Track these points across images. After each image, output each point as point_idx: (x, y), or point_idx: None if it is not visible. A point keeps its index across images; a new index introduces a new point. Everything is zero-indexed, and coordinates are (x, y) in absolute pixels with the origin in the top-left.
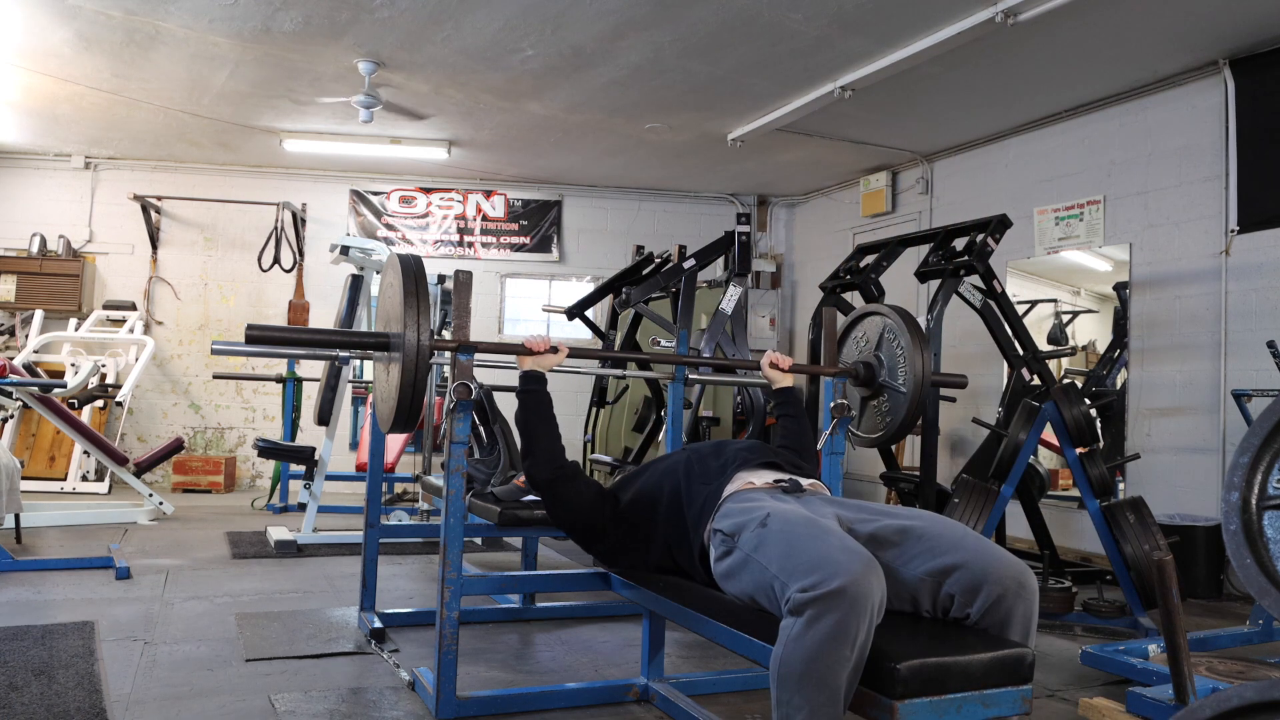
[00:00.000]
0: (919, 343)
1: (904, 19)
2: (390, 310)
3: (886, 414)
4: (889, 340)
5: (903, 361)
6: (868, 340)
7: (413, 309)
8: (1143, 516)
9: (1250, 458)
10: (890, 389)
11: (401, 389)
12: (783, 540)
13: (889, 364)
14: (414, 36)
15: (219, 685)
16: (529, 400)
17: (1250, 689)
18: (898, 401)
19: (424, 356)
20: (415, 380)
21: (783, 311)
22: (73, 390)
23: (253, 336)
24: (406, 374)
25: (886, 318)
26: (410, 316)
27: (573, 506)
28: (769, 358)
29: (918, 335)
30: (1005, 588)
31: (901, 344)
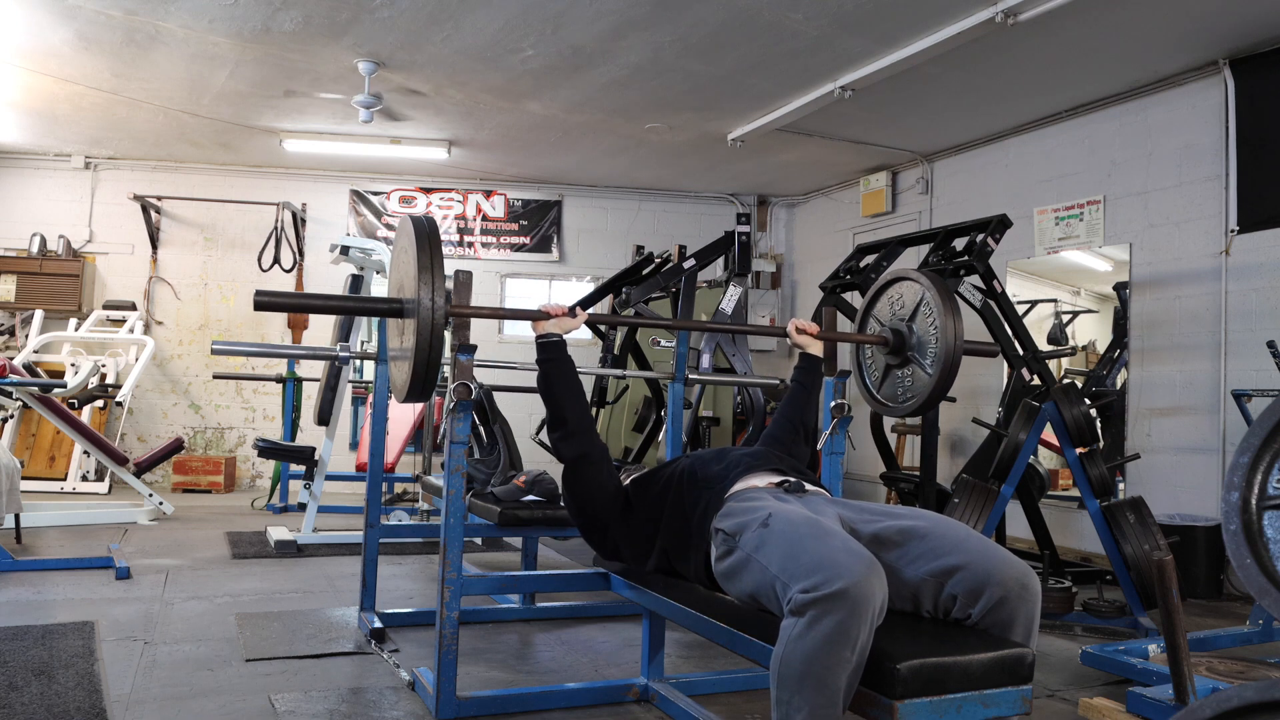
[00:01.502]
0: (951, 310)
1: (904, 19)
2: (404, 275)
3: (910, 386)
4: (924, 314)
5: (935, 332)
6: (903, 305)
7: (427, 272)
8: (1143, 516)
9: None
10: (916, 363)
11: (417, 354)
12: (784, 541)
13: (920, 336)
14: (414, 36)
15: (219, 685)
16: (552, 368)
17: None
18: (920, 376)
19: (439, 320)
20: (431, 345)
21: (783, 311)
22: (73, 390)
23: (261, 302)
24: (422, 338)
25: (924, 288)
26: (424, 279)
27: (590, 494)
28: (796, 323)
29: (950, 303)
30: (1008, 589)
31: (934, 312)
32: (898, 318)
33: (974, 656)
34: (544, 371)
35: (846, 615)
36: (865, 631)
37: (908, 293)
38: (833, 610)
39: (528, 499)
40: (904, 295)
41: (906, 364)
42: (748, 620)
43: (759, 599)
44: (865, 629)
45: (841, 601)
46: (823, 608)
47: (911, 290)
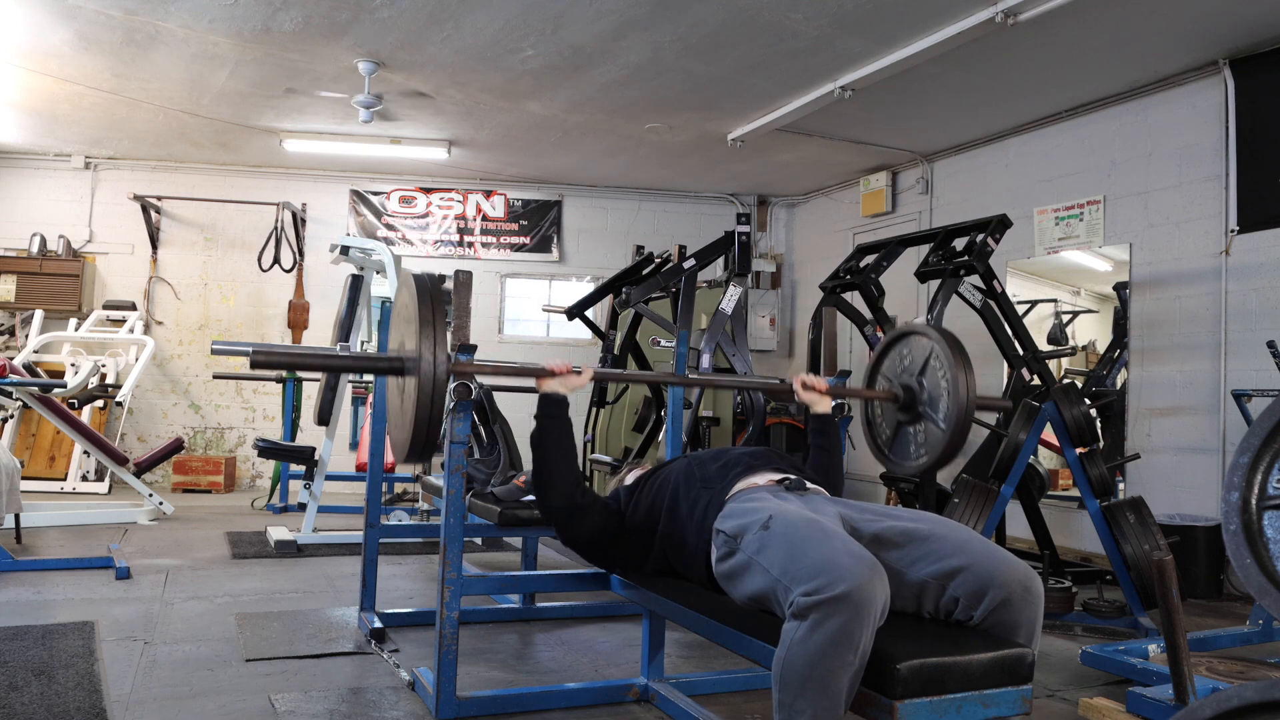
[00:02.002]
0: (963, 366)
1: (904, 19)
2: (405, 331)
3: (923, 442)
4: (934, 369)
5: (946, 388)
6: (912, 361)
7: (429, 330)
8: (1143, 516)
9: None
10: (929, 419)
11: (418, 415)
12: (786, 543)
13: (931, 392)
14: (414, 36)
15: (219, 685)
16: (550, 427)
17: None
18: (933, 432)
19: (441, 381)
20: (432, 406)
21: (783, 311)
22: (73, 390)
23: (258, 361)
24: (423, 399)
25: (933, 343)
26: (426, 337)
27: (583, 535)
28: (801, 379)
29: (962, 358)
30: (1010, 592)
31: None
32: (907, 373)
33: (974, 656)
34: (541, 428)
35: (849, 618)
36: (867, 634)
37: (915, 348)
38: (835, 613)
39: (528, 499)
40: (912, 351)
41: (918, 420)
42: (748, 620)
43: (760, 601)
44: (867, 631)
45: (844, 604)
46: (825, 611)
47: (919, 345)
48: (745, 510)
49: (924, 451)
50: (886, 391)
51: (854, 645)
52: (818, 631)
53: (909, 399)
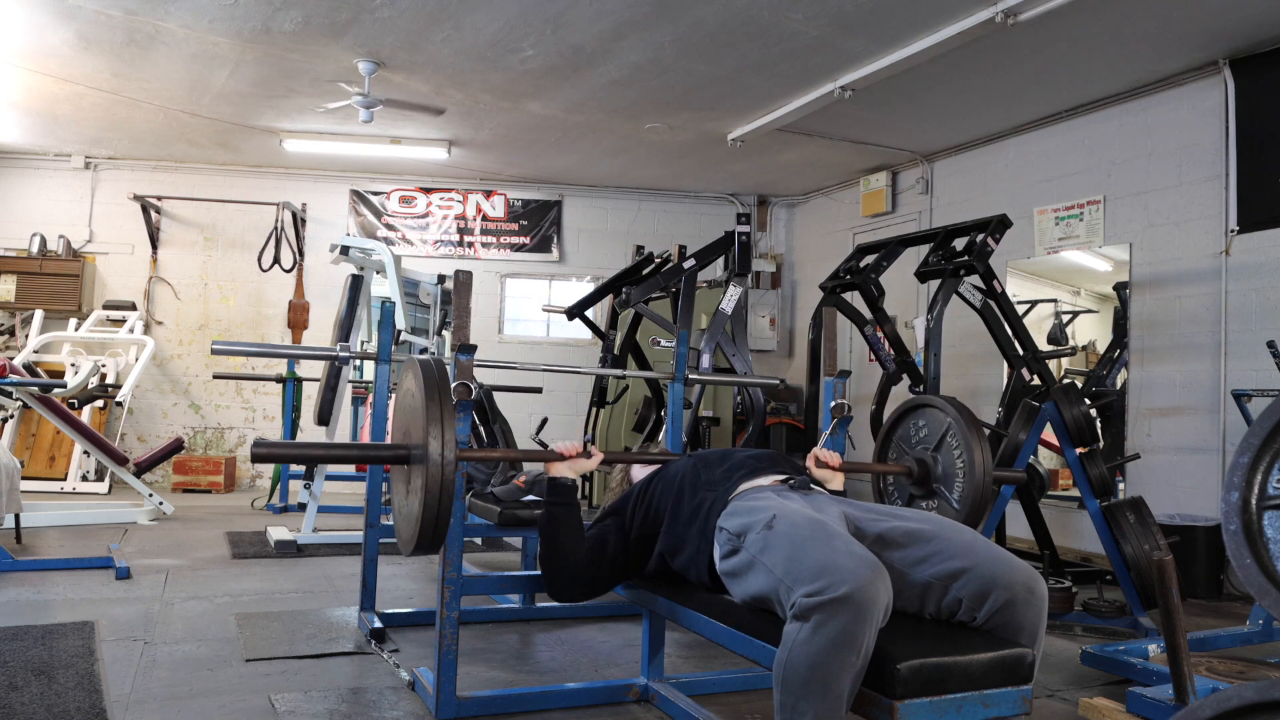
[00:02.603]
0: (979, 440)
1: (904, 19)
2: (410, 420)
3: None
4: (949, 445)
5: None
6: (929, 434)
7: (436, 423)
8: (1143, 516)
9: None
10: (942, 496)
11: (425, 508)
12: (789, 543)
13: (945, 468)
14: (414, 36)
15: (219, 685)
16: (560, 514)
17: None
18: (945, 511)
19: (450, 473)
20: (440, 498)
21: (783, 311)
22: (73, 390)
23: (259, 455)
24: (431, 490)
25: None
26: (434, 430)
27: (596, 593)
28: (815, 455)
29: (977, 432)
30: (1014, 593)
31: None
32: (922, 445)
33: (974, 656)
34: (551, 515)
35: (851, 619)
36: (870, 635)
37: (931, 421)
38: (837, 615)
39: (528, 499)
40: (928, 425)
41: (931, 496)
42: (748, 621)
43: (762, 600)
44: (870, 632)
45: (846, 606)
46: (827, 612)
47: (935, 420)
48: (749, 509)
49: None
50: (901, 466)
51: (856, 646)
52: (820, 633)
53: (923, 473)
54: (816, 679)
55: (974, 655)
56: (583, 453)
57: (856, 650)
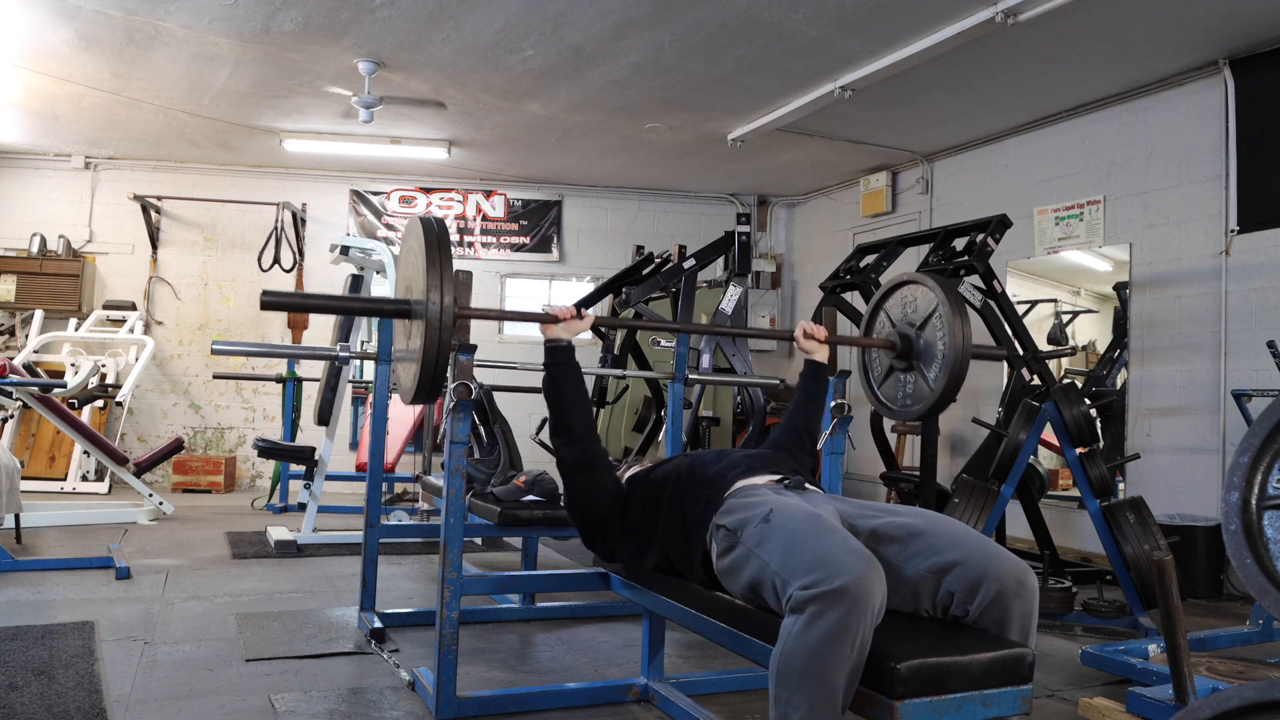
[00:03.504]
0: (959, 313)
1: (904, 19)
2: (412, 276)
3: (911, 392)
4: (934, 325)
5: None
6: (916, 310)
7: (435, 272)
8: (1143, 516)
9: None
10: (919, 372)
11: (425, 356)
12: (785, 537)
13: (928, 344)
14: (414, 36)
15: (219, 685)
16: (560, 373)
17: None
18: (921, 385)
19: (448, 321)
20: (439, 347)
21: (783, 311)
22: (73, 390)
23: (268, 302)
24: (430, 338)
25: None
26: (433, 280)
27: (588, 499)
28: (803, 326)
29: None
30: (1004, 585)
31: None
32: (907, 320)
33: (974, 656)
34: (551, 376)
35: (846, 612)
36: (865, 629)
37: (921, 298)
38: (832, 607)
39: (528, 499)
40: (917, 299)
41: (910, 370)
42: (748, 620)
43: (759, 595)
44: (865, 626)
45: (841, 598)
46: (823, 604)
47: (925, 296)
48: (746, 505)
49: (912, 401)
50: (884, 340)
51: (851, 640)
52: (815, 625)
53: (905, 348)
54: (811, 672)
55: (974, 655)
56: (575, 315)
57: (851, 644)
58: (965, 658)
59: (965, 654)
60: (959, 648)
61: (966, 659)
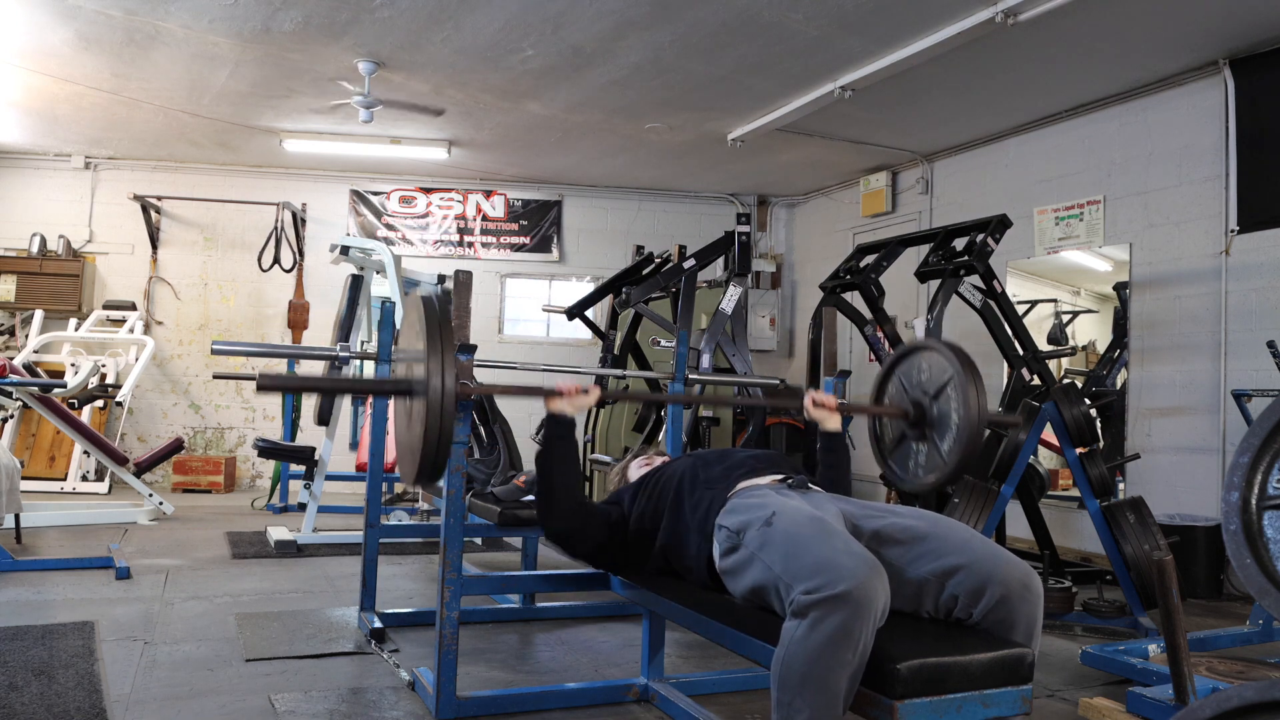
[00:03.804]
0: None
1: (904, 19)
2: (412, 353)
3: (923, 462)
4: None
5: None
6: (930, 379)
7: (436, 355)
8: (1143, 516)
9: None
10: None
11: (426, 438)
12: (788, 540)
13: (941, 414)
14: (414, 36)
15: (219, 685)
16: (557, 448)
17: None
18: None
19: (450, 405)
20: (441, 429)
21: (783, 311)
22: (73, 390)
23: (264, 385)
24: (431, 422)
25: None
26: (434, 363)
27: (585, 550)
28: (812, 396)
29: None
30: (1009, 589)
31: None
32: (921, 388)
33: (974, 656)
34: (548, 449)
35: (849, 617)
36: (867, 633)
37: (934, 365)
38: (835, 612)
39: (528, 499)
40: (931, 366)
41: (923, 439)
42: (748, 620)
43: (761, 598)
44: (867, 631)
45: (844, 603)
46: (825, 609)
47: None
48: (748, 506)
49: (922, 470)
50: (897, 408)
51: (853, 644)
52: (817, 630)
53: (918, 416)
54: (814, 676)
55: (974, 655)
56: (581, 390)
57: (854, 648)
58: (965, 658)
59: (965, 654)
60: (959, 648)
61: (966, 659)
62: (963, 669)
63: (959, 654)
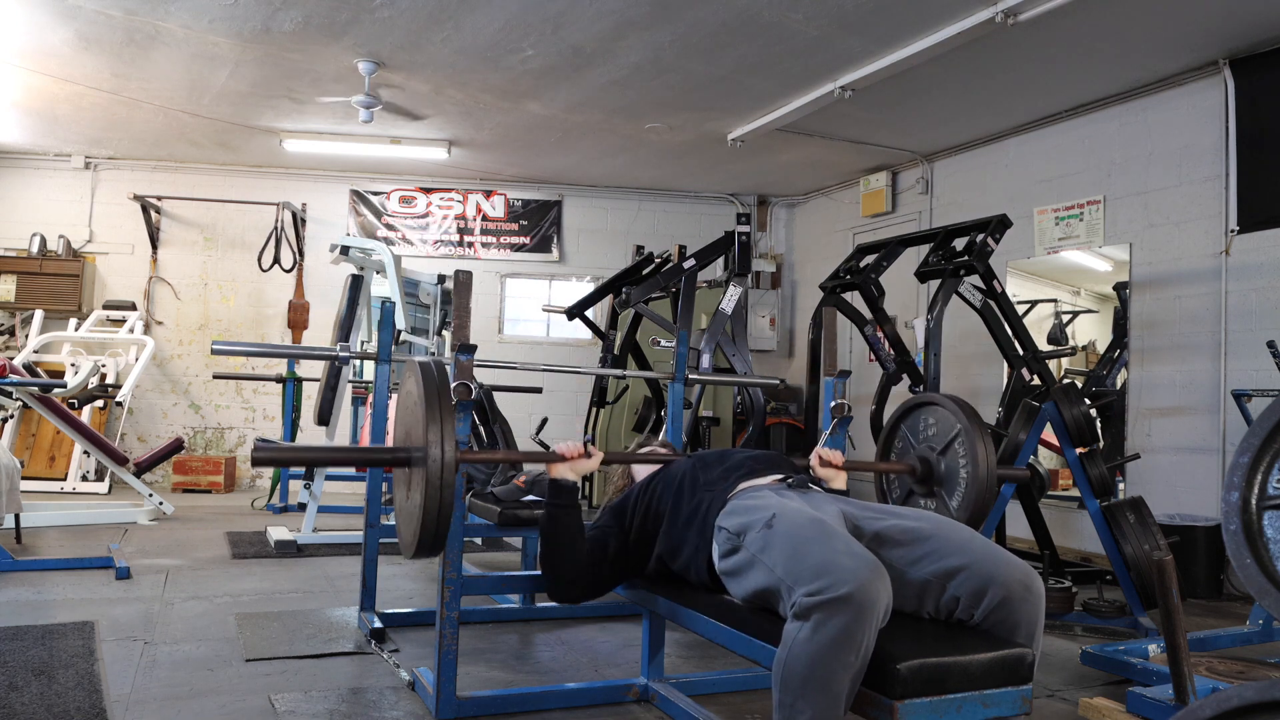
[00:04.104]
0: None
1: (904, 19)
2: (411, 423)
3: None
4: (955, 450)
5: (965, 469)
6: (937, 433)
7: (435, 424)
8: (1143, 516)
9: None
10: (940, 500)
11: (426, 511)
12: (789, 542)
13: (949, 469)
14: (414, 36)
15: (219, 685)
16: (560, 515)
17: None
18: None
19: (449, 477)
20: (441, 502)
21: (783, 311)
22: (73, 390)
23: (259, 459)
24: (431, 497)
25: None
26: (434, 433)
27: (595, 596)
28: (818, 454)
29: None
30: (1010, 591)
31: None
32: (928, 444)
33: (974, 656)
34: (551, 515)
35: (851, 619)
36: (869, 635)
37: (940, 420)
38: (837, 614)
39: (528, 499)
40: (937, 421)
41: (931, 496)
42: (748, 620)
43: (763, 599)
44: (869, 632)
45: (846, 605)
46: (828, 612)
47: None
48: (748, 508)
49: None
50: (905, 465)
51: (856, 646)
52: (820, 632)
53: (926, 472)
54: (815, 678)
55: (974, 655)
56: (583, 454)
57: (856, 650)
58: (965, 658)
59: (965, 654)
60: (959, 648)
61: (966, 659)
62: (963, 669)
63: (959, 654)
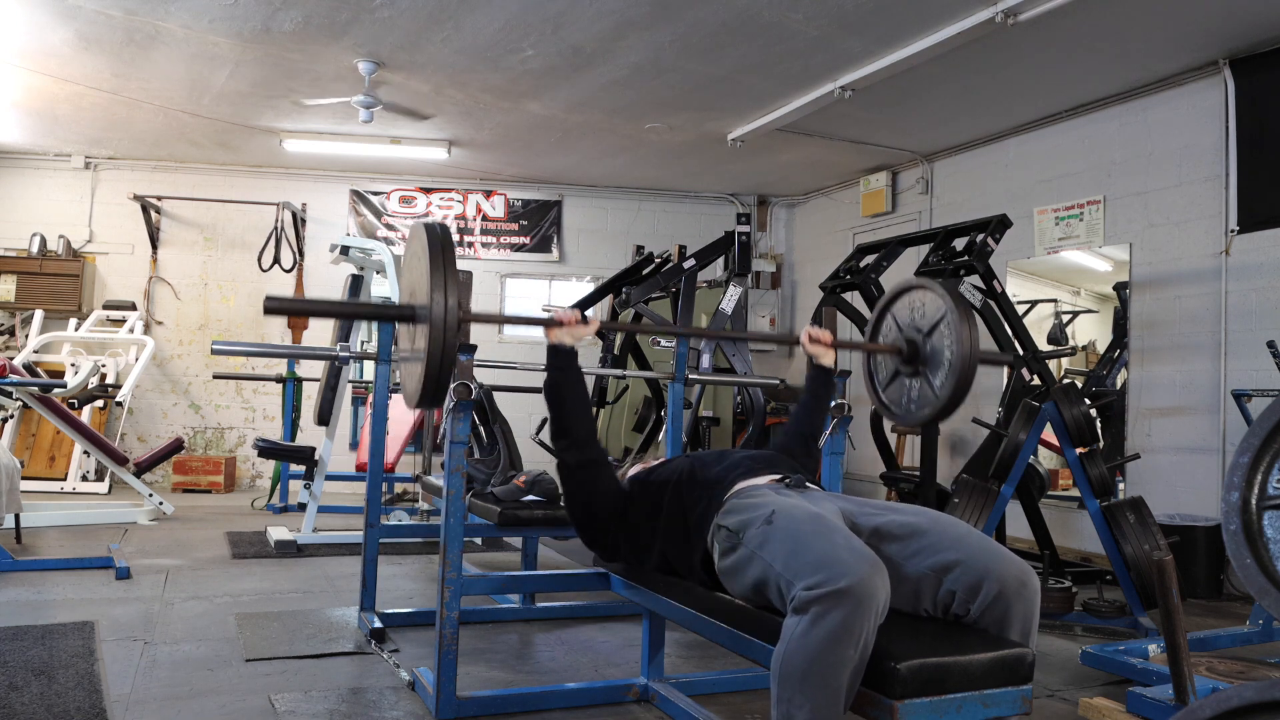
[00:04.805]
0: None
1: (904, 19)
2: (415, 280)
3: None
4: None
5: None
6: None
7: (439, 276)
8: (1143, 516)
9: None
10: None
11: (430, 359)
12: (788, 538)
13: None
14: (414, 36)
15: (219, 685)
16: (561, 376)
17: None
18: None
19: (452, 324)
20: (444, 350)
21: (783, 311)
22: (73, 390)
23: (270, 307)
24: (434, 343)
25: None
26: (437, 283)
27: (591, 499)
28: (809, 331)
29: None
30: (1005, 585)
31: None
32: (914, 326)
33: (974, 656)
34: (552, 380)
35: (850, 613)
36: (869, 629)
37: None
38: (837, 607)
39: (528, 499)
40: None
41: (916, 375)
42: (748, 620)
43: (762, 595)
44: (869, 626)
45: (845, 599)
46: (826, 605)
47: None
48: (747, 506)
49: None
50: (890, 345)
51: (855, 640)
52: (819, 626)
53: (912, 353)
54: (814, 673)
55: (974, 655)
56: (580, 320)
57: (855, 644)
58: (965, 658)
59: (965, 654)
60: (959, 648)
61: (967, 659)
62: (963, 669)
63: (959, 654)
